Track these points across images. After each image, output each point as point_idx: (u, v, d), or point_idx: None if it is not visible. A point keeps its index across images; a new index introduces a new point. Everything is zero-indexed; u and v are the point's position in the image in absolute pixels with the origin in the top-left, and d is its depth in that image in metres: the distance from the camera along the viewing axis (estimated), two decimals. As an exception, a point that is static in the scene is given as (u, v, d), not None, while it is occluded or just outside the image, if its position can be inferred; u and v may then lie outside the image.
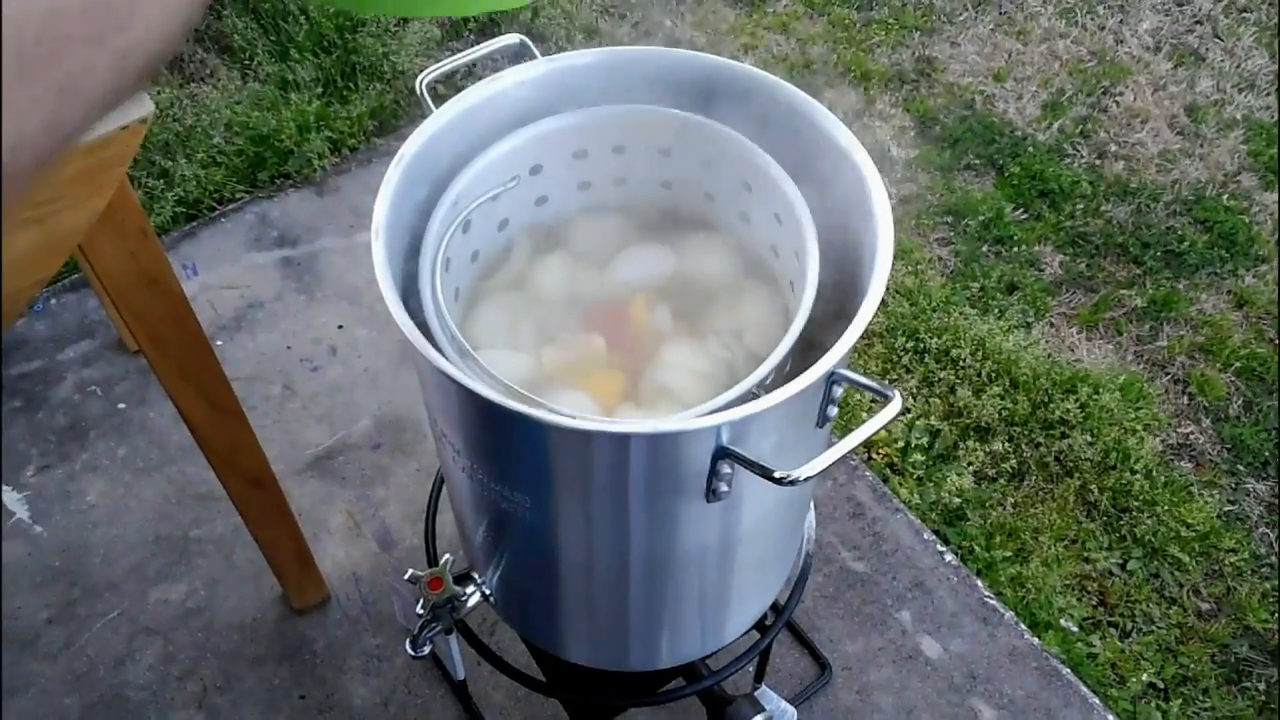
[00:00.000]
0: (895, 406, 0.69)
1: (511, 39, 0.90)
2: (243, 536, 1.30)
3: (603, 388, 0.85)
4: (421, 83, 0.86)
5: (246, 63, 2.02)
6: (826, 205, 0.84)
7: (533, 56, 0.88)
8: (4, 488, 1.44)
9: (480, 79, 0.87)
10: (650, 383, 0.87)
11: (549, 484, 0.75)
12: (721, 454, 0.70)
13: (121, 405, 1.55)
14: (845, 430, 1.48)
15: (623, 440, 0.68)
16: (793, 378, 0.69)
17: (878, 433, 1.64)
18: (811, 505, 1.14)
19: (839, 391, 0.76)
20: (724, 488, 0.73)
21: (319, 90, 1.92)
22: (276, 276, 1.73)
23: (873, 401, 1.69)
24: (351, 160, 1.89)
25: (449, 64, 0.87)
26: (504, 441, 0.74)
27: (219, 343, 1.63)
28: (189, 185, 1.78)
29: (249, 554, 1.37)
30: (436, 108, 0.87)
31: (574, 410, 0.69)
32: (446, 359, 0.69)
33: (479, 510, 0.87)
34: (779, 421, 0.73)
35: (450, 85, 1.69)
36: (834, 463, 0.68)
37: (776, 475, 0.66)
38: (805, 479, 0.66)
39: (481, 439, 0.76)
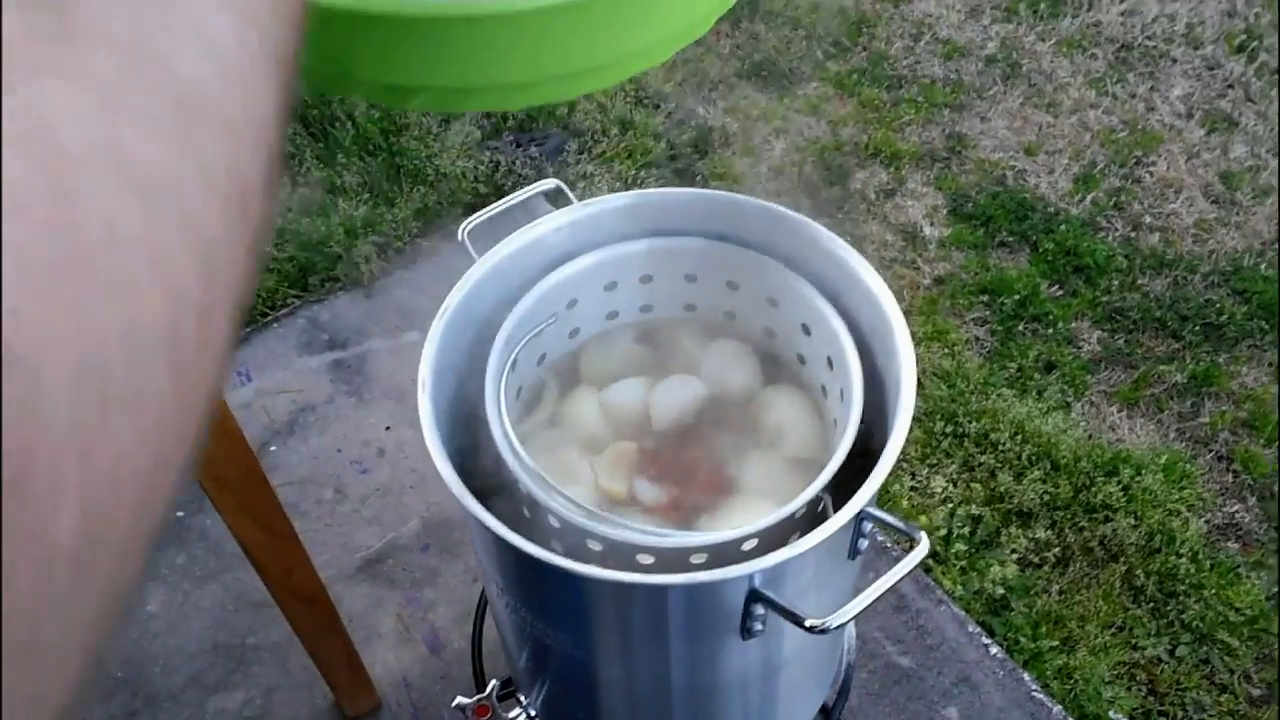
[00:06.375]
0: (923, 549, 0.72)
1: (549, 184, 0.94)
2: (296, 644, 1.33)
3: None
4: (464, 231, 0.90)
5: (295, 168, 2.10)
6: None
7: (568, 200, 0.93)
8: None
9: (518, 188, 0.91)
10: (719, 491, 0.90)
11: (590, 625, 0.78)
12: (754, 597, 0.72)
13: (180, 513, 1.60)
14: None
15: (660, 590, 0.71)
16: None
17: (920, 520, 1.63)
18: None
19: (869, 527, 0.78)
20: (759, 626, 0.75)
21: (365, 195, 1.99)
22: (327, 380, 1.78)
23: (913, 489, 1.70)
24: (397, 261, 1.95)
25: (489, 212, 0.92)
26: (545, 587, 0.77)
27: (273, 448, 1.68)
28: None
29: (302, 660, 1.40)
30: (475, 251, 0.91)
31: (646, 527, 0.74)
32: (524, 489, 0.74)
33: (522, 638, 0.90)
34: (811, 561, 0.75)
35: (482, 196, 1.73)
36: (865, 608, 0.70)
37: (808, 624, 0.69)
38: (837, 626, 0.69)
39: (523, 583, 0.79)
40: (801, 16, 2.56)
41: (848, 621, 0.69)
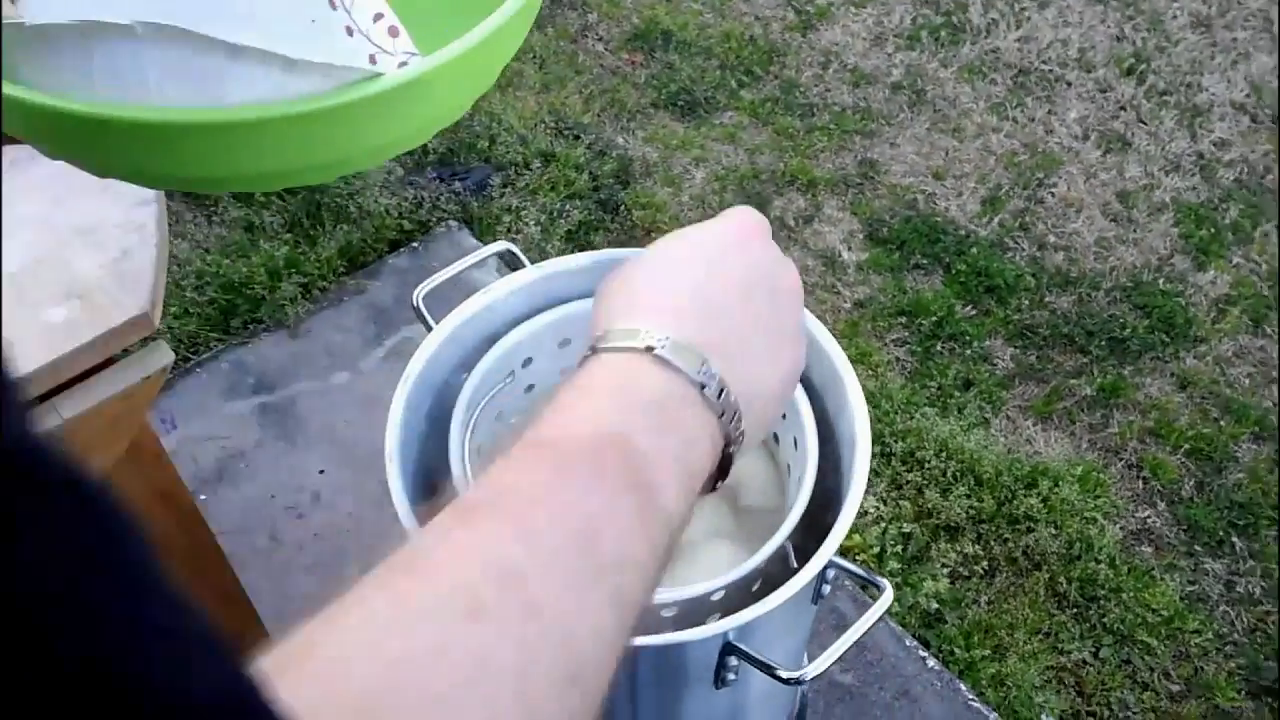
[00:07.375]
0: (887, 598, 0.75)
1: (500, 247, 0.96)
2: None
3: None
4: (418, 297, 0.91)
5: (211, 207, 2.07)
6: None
7: (520, 264, 0.94)
8: None
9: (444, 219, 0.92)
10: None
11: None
12: (728, 650, 0.75)
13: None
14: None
15: (633, 650, 0.73)
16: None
17: (854, 539, 1.68)
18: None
19: (833, 574, 0.81)
20: (732, 676, 0.78)
21: (286, 235, 1.97)
22: (255, 424, 1.76)
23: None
24: (322, 301, 1.93)
25: (441, 277, 0.93)
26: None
27: (202, 497, 1.65)
28: (164, 339, 1.81)
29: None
30: (429, 312, 0.92)
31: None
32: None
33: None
34: (780, 612, 0.78)
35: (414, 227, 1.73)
36: (836, 660, 0.73)
37: (783, 676, 0.71)
38: (810, 679, 0.72)
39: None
40: (714, 46, 2.61)
41: (820, 673, 0.72)
